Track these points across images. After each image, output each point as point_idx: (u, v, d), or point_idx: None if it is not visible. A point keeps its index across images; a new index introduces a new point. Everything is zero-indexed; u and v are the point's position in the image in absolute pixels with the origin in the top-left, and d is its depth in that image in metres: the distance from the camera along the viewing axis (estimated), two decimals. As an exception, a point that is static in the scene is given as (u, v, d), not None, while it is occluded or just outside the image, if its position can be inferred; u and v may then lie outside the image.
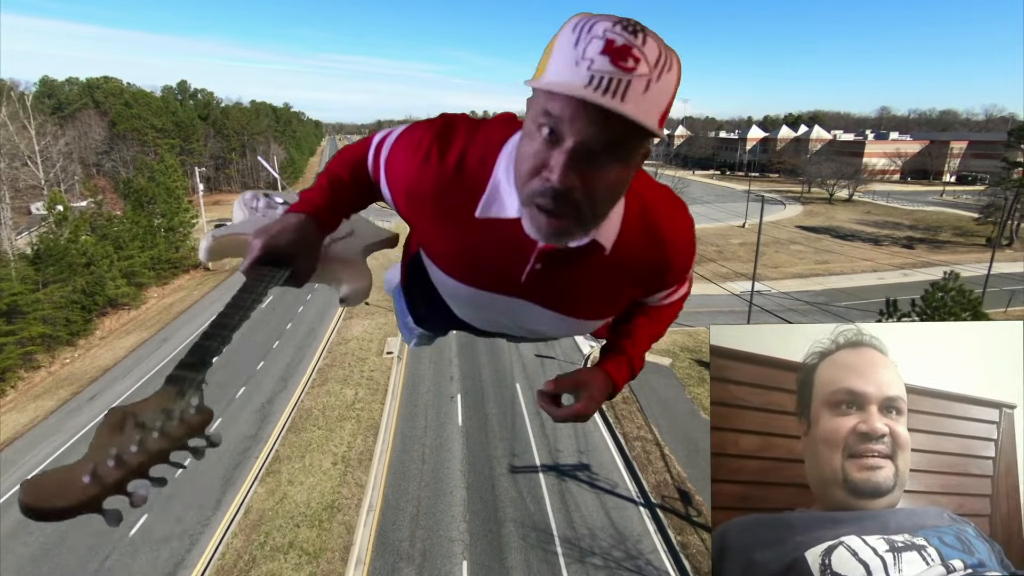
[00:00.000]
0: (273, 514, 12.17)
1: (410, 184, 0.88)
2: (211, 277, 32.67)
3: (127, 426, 0.55)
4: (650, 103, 0.64)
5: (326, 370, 19.38)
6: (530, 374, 18.72)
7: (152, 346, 22.52)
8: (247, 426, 15.72)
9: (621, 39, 0.62)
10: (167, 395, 0.59)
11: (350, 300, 1.11)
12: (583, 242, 0.80)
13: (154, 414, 0.56)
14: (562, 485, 12.98)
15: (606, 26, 0.63)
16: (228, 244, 1.06)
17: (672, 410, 15.84)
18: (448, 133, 0.86)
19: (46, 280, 22.87)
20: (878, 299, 25.90)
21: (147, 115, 56.97)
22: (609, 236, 0.82)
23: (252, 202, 1.28)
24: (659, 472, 13.19)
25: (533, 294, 0.90)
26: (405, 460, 14.10)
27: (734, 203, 54.19)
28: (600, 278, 0.87)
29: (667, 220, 0.87)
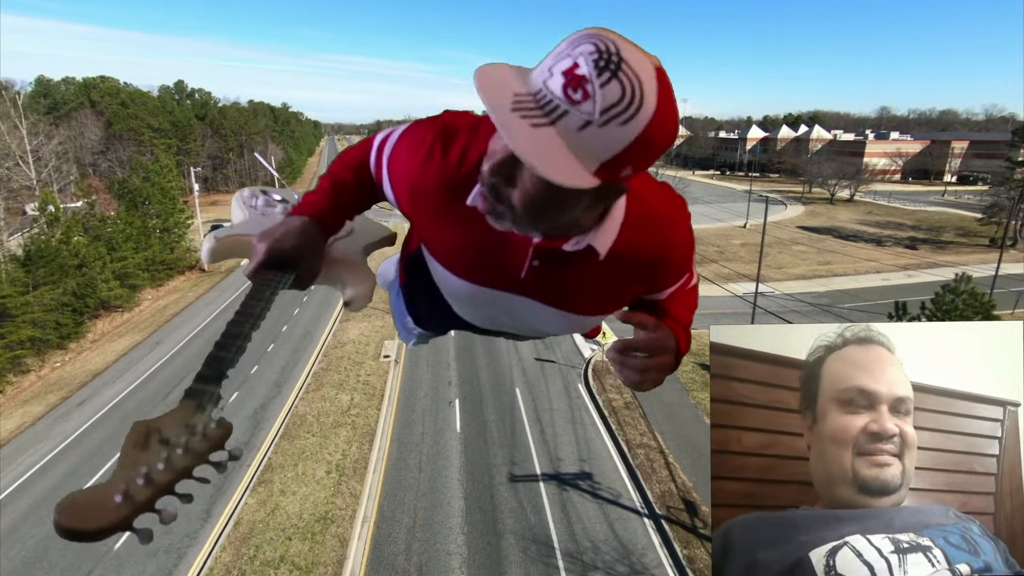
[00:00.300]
0: (264, 526, 11.74)
1: (413, 181, 0.88)
2: (206, 278, 32.26)
3: (152, 442, 0.56)
4: (581, 144, 0.60)
5: (321, 374, 18.96)
6: (530, 378, 18.32)
7: (144, 349, 22.09)
8: (240, 433, 15.28)
9: (585, 69, 0.58)
10: (188, 409, 0.60)
11: (354, 304, 1.12)
12: (579, 247, 0.79)
13: (177, 429, 0.58)
14: (563, 495, 12.57)
15: (588, 49, 0.59)
16: (231, 245, 1.05)
17: (676, 416, 15.44)
18: (450, 130, 0.85)
19: (36, 282, 22.42)
20: (883, 300, 25.59)
21: (144, 115, 56.46)
22: (605, 242, 0.80)
23: (251, 200, 1.26)
24: (663, 481, 12.78)
25: (533, 291, 0.90)
26: (401, 468, 13.68)
27: (735, 203, 53.92)
28: (599, 276, 0.87)
29: (666, 220, 0.87)
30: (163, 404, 17.27)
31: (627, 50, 0.59)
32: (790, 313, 23.63)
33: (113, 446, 15.09)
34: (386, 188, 0.97)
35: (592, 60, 0.58)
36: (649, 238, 0.85)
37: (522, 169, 0.66)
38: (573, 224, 0.75)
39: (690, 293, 1.04)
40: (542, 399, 16.91)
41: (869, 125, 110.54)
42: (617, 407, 16.03)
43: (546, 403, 16.68)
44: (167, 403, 17.29)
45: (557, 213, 0.70)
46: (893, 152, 73.98)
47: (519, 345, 19.86)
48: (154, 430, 0.57)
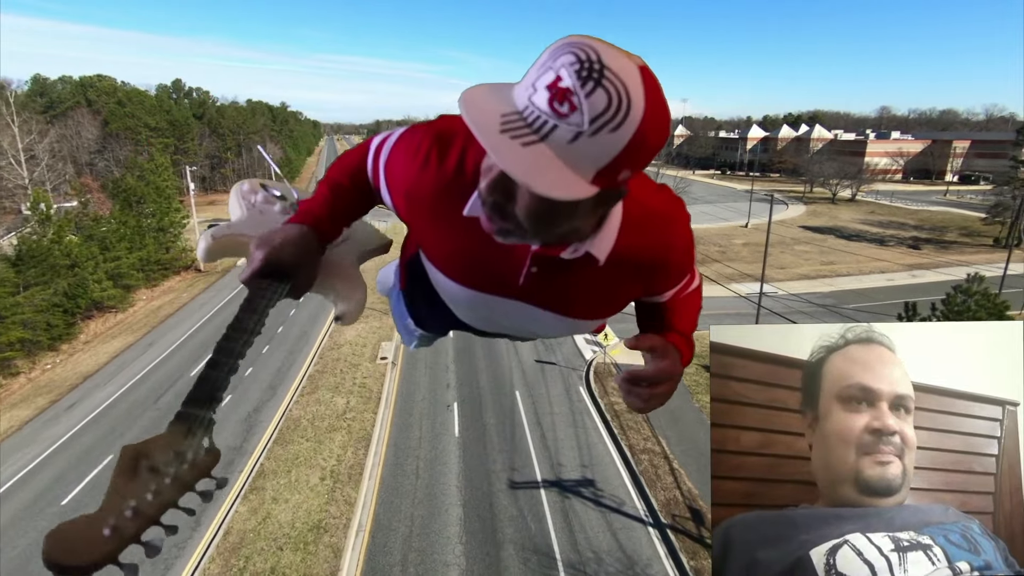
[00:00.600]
0: (255, 536, 11.32)
1: (410, 188, 0.88)
2: (202, 279, 31.84)
3: (140, 470, 0.56)
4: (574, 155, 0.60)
5: (317, 377, 18.54)
6: (530, 380, 17.91)
7: (137, 351, 21.66)
8: (232, 437, 14.87)
9: (568, 81, 0.58)
10: (177, 434, 0.60)
11: (346, 319, 1.09)
12: (577, 254, 0.80)
13: (165, 456, 0.57)
14: (565, 502, 12.16)
15: (569, 60, 0.58)
16: (227, 244, 1.04)
17: (680, 420, 15.04)
18: (446, 136, 0.85)
19: (27, 283, 21.99)
20: (888, 301, 25.23)
21: (140, 114, 55.97)
22: (604, 248, 0.81)
23: (250, 195, 1.23)
24: (668, 488, 12.38)
25: (531, 296, 0.90)
26: (398, 475, 13.26)
27: (735, 203, 53.61)
28: (598, 281, 0.86)
29: (665, 221, 0.86)
30: (153, 408, 16.87)
31: (608, 55, 0.58)
32: (795, 314, 23.22)
33: (101, 451, 14.68)
34: (383, 193, 0.96)
35: (574, 71, 0.57)
36: (648, 240, 0.84)
37: (519, 185, 0.65)
38: (573, 232, 0.74)
39: (693, 296, 1.04)
40: (543, 402, 16.50)
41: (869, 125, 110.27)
42: (619, 410, 15.61)
43: (547, 406, 16.26)
44: (157, 407, 16.89)
45: (560, 223, 0.70)
46: (894, 152, 73.65)
47: (519, 347, 19.45)
48: (143, 456, 0.56)
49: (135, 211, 31.19)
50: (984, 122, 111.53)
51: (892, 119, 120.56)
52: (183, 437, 0.59)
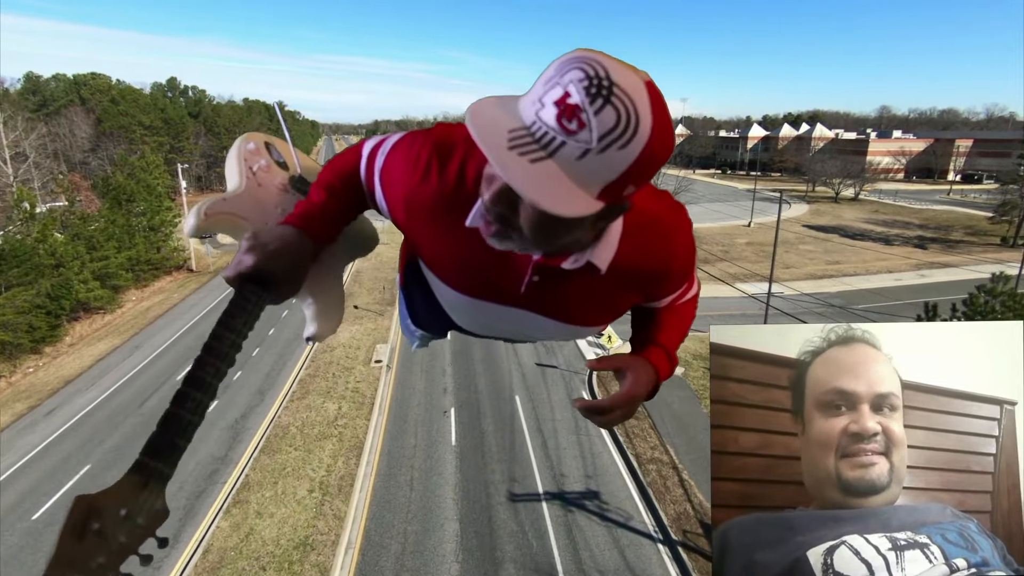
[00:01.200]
0: (236, 554, 10.56)
1: (409, 198, 0.87)
2: (194, 279, 31.08)
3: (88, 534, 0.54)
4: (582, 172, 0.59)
5: (308, 381, 17.77)
6: (530, 385, 17.16)
7: (122, 354, 20.89)
8: (216, 446, 14.13)
9: (577, 97, 0.57)
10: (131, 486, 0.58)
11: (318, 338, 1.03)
12: (578, 264, 0.79)
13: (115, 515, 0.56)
14: (568, 516, 11.42)
15: (577, 76, 0.58)
16: (218, 222, 1.00)
17: (689, 427, 14.31)
18: (447, 145, 0.83)
19: (9, 283, 21.21)
20: (898, 301, 24.54)
21: (135, 112, 55.17)
22: (605, 256, 0.80)
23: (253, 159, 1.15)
24: (678, 501, 11.64)
25: (532, 304, 0.90)
26: (391, 486, 12.51)
27: (737, 202, 52.95)
28: (599, 289, 0.87)
29: (666, 229, 0.85)
30: (137, 414, 16.10)
31: (616, 72, 0.58)
32: (804, 314, 22.47)
33: (78, 460, 13.93)
34: (378, 199, 0.94)
35: (583, 87, 0.57)
36: (649, 249, 0.84)
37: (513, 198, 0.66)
38: (575, 243, 0.75)
39: (687, 306, 1.03)
40: (544, 408, 15.76)
41: (869, 124, 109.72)
42: (625, 417, 14.86)
43: (548, 412, 15.52)
44: (141, 413, 16.13)
45: (562, 235, 0.70)
46: (896, 151, 73.01)
47: (519, 350, 18.71)
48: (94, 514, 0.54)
49: (124, 210, 30.39)
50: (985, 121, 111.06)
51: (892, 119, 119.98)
52: (138, 491, 0.57)
